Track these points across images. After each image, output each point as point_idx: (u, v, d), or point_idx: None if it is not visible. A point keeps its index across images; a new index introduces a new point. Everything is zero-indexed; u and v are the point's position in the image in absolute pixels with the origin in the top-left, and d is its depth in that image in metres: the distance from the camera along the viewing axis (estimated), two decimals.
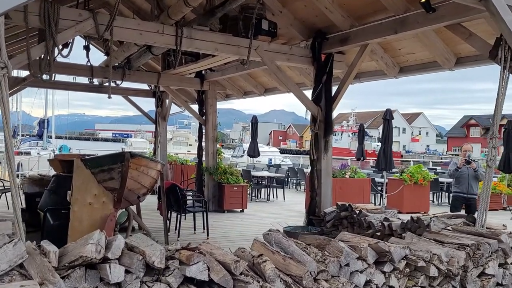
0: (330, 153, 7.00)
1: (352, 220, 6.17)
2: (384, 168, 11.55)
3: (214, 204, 10.55)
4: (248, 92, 10.87)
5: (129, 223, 6.85)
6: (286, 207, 11.88)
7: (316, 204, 6.97)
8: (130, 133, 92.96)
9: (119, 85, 9.95)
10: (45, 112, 32.53)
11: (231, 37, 6.23)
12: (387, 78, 6.94)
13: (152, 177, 5.61)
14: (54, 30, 4.98)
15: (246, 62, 6.38)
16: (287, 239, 3.35)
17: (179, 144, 44.86)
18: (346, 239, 3.68)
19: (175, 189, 7.34)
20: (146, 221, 8.59)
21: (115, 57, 8.62)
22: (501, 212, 12.16)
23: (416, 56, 6.35)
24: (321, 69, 6.84)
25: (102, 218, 5.07)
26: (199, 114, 10.79)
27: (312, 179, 7.00)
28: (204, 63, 8.20)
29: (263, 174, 13.62)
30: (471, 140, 72.41)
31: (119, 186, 5.01)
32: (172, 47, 5.90)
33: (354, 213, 6.20)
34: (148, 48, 7.85)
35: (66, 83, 11.96)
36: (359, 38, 6.07)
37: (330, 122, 6.87)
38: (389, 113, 11.65)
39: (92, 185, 5.04)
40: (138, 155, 5.10)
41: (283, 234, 3.56)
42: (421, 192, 11.69)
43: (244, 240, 7.69)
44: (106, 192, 5.09)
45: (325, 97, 6.89)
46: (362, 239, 3.69)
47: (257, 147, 16.15)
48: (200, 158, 10.99)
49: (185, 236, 7.77)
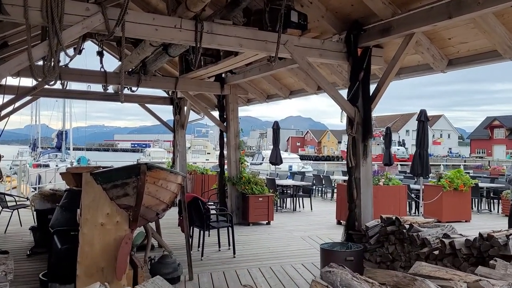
0: (369, 159, 6.22)
1: (401, 236, 5.36)
2: (420, 173, 10.69)
3: (238, 216, 9.83)
4: (271, 95, 10.15)
5: (148, 241, 6.17)
6: (315, 218, 11.07)
7: (355, 217, 6.18)
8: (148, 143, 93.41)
9: (134, 91, 9.35)
10: (63, 124, 32.40)
11: (258, 31, 5.53)
12: (433, 72, 6.13)
13: (172, 191, 4.92)
14: (58, 26, 4.34)
15: (275, 59, 5.66)
16: (357, 279, 2.54)
17: (197, 153, 44.39)
18: (428, 273, 2.87)
19: (197, 203, 6.64)
20: (167, 237, 7.94)
21: (130, 61, 8.02)
22: None
23: (469, 46, 5.53)
24: (358, 65, 6.08)
25: (116, 241, 4.38)
26: (219, 121, 10.11)
27: (350, 188, 6.22)
28: (225, 64, 7.53)
29: (288, 183, 12.83)
30: (496, 142, 70.27)
31: (135, 204, 4.33)
32: (191, 43, 5.22)
33: (403, 227, 5.39)
34: (165, 49, 7.24)
35: (80, 91, 11.45)
36: (403, 27, 5.30)
37: (369, 124, 6.09)
38: (424, 114, 10.80)
39: (104, 202, 4.37)
40: (155, 167, 4.41)
41: (349, 271, 2.72)
42: (462, 199, 10.75)
43: (273, 258, 6.96)
44: (120, 211, 4.41)
45: (362, 96, 6.12)
46: (451, 272, 2.87)
47: (280, 154, 15.42)
48: (222, 167, 10.29)
49: (209, 254, 7.06)
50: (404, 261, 5.29)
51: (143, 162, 4.31)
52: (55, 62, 4.44)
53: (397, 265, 5.40)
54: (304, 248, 7.61)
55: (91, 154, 67.76)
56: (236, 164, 10.01)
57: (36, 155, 33.55)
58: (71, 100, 33.39)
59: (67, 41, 4.54)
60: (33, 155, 33.97)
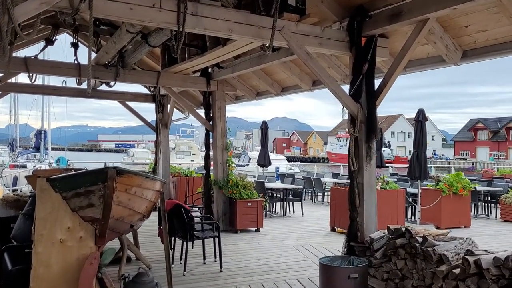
0: (374, 162, 5.55)
1: (413, 250, 4.69)
2: (418, 177, 10.10)
3: (225, 223, 9.08)
4: (262, 92, 9.42)
5: (123, 254, 5.42)
6: (307, 224, 10.38)
7: (357, 227, 5.49)
8: (133, 144, 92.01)
9: (112, 86, 8.53)
10: (42, 123, 31.19)
11: (250, 14, 4.82)
12: (445, 65, 5.46)
13: (148, 199, 4.17)
14: (9, 0, 3.57)
15: (269, 47, 4.95)
16: None
17: (182, 154, 43.38)
18: None
19: (179, 210, 5.88)
20: (146, 247, 7.17)
21: (106, 52, 7.23)
22: None
23: (488, 35, 4.89)
24: (361, 56, 5.41)
25: (78, 261, 3.62)
26: (205, 119, 9.34)
27: (352, 194, 5.53)
28: (212, 56, 6.80)
29: (278, 186, 12.11)
30: (479, 144, 70.67)
31: (102, 216, 3.56)
32: (173, 26, 4.48)
33: (414, 240, 4.71)
34: (144, 38, 6.49)
35: (53, 87, 10.63)
36: (416, 10, 4.64)
37: (373, 123, 5.40)
38: (422, 113, 10.19)
39: (64, 214, 3.59)
40: (127, 172, 3.64)
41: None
42: (461, 203, 10.18)
43: (265, 272, 6.21)
44: (84, 224, 3.64)
45: (366, 91, 5.45)
46: None
47: (268, 155, 14.72)
48: (208, 170, 9.52)
49: (193, 267, 6.30)
50: (417, 279, 4.61)
51: (112, 166, 3.55)
52: (5, 44, 3.65)
53: (408, 284, 4.72)
54: (298, 260, 6.90)
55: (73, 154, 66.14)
56: (223, 166, 9.26)
57: (14, 155, 32.26)
58: (50, 99, 32.30)
59: (21, 19, 3.76)
60: (11, 156, 32.69)
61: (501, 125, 66.51)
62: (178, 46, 4.51)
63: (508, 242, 8.66)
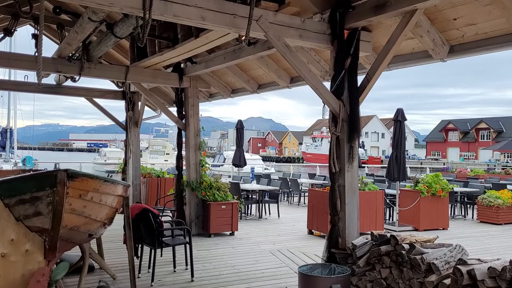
0: (356, 163, 5.20)
1: (400, 258, 4.36)
2: (397, 177, 9.86)
3: (198, 226, 8.62)
4: (237, 89, 8.98)
5: (84, 263, 4.90)
6: (283, 227, 10.02)
7: (338, 232, 5.14)
8: (105, 143, 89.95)
9: (76, 81, 7.96)
10: (7, 121, 29.87)
11: (225, 1, 4.40)
12: (431, 61, 5.17)
13: (109, 205, 3.69)
14: None
15: (245, 38, 4.55)
16: None
17: (156, 154, 42.45)
18: None
19: (147, 216, 5.40)
20: (111, 254, 6.66)
21: (68, 43, 6.67)
22: None
23: (477, 29, 4.61)
24: (344, 49, 5.06)
25: (24, 277, 3.12)
26: (178, 117, 8.85)
27: (333, 198, 5.17)
28: (184, 49, 6.35)
29: (253, 187, 11.71)
30: (450, 145, 72.13)
31: (51, 226, 3.07)
32: (138, 12, 4.02)
33: (400, 247, 4.39)
34: (110, 28, 5.98)
35: (14, 82, 9.92)
36: (403, 1, 4.32)
37: (356, 122, 5.07)
38: (401, 113, 9.97)
39: (7, 224, 3.09)
40: (81, 175, 3.16)
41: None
42: (440, 205, 10.01)
43: (240, 281, 5.75)
44: (30, 236, 3.15)
45: (348, 88, 5.10)
46: None
47: (244, 156, 14.33)
48: (180, 170, 9.02)
49: (162, 276, 5.83)
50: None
51: (62, 168, 3.06)
52: None
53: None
54: (275, 266, 6.51)
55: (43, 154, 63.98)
56: (196, 167, 8.79)
57: None
58: (16, 96, 30.96)
59: None
60: None
61: (471, 126, 68.11)
62: (144, 34, 4.04)
63: (488, 245, 8.52)
